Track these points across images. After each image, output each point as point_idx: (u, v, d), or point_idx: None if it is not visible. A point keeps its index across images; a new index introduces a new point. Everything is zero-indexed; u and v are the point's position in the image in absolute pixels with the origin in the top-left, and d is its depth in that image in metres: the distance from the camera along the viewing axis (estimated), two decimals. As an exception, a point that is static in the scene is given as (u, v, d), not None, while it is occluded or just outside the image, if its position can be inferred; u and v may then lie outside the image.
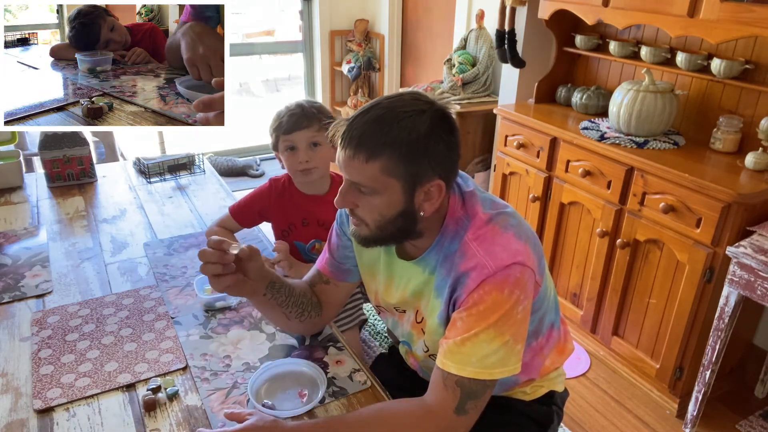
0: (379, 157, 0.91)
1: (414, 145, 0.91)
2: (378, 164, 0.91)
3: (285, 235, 1.64)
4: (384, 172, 0.92)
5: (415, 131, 0.91)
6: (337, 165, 0.97)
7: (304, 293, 1.19)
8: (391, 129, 0.90)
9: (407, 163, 0.91)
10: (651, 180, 2.03)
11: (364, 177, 0.93)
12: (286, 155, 1.53)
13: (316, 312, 1.20)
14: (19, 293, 1.41)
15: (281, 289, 1.12)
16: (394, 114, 0.91)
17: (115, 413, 1.06)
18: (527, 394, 1.20)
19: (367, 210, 0.96)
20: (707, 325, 1.94)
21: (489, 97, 3.24)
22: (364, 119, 0.92)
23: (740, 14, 1.79)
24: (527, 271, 0.95)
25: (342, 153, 0.94)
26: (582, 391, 2.24)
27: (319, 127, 1.48)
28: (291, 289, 1.14)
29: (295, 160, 1.51)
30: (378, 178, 0.92)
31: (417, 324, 1.09)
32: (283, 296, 1.12)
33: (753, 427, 2.07)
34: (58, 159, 2.03)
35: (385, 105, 0.93)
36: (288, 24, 7.09)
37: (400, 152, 0.91)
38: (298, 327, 1.20)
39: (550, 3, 2.47)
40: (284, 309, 1.14)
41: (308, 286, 1.23)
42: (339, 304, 1.26)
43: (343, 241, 1.19)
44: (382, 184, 0.93)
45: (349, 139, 0.92)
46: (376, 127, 0.91)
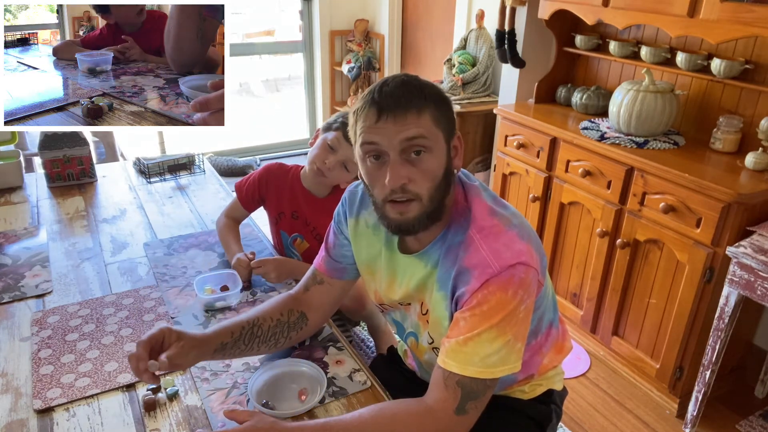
0: (428, 107, 0.94)
1: (442, 97, 0.97)
2: (428, 115, 0.94)
3: (275, 222, 1.67)
4: (434, 123, 0.94)
5: (434, 85, 0.98)
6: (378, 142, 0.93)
7: (278, 321, 1.16)
8: (421, 86, 0.95)
9: (445, 112, 0.97)
10: (651, 180, 2.03)
11: (423, 129, 0.93)
12: (321, 144, 1.52)
13: (300, 326, 1.19)
14: (19, 293, 1.41)
15: (238, 343, 1.09)
16: (411, 77, 0.96)
17: (115, 413, 1.06)
18: (526, 392, 1.20)
19: (420, 178, 0.95)
20: (707, 325, 1.94)
21: (489, 97, 3.24)
22: (392, 86, 0.94)
23: (740, 14, 1.79)
24: (531, 271, 0.95)
25: (388, 121, 0.92)
26: (582, 391, 2.24)
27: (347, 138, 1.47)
28: (253, 333, 1.11)
29: (323, 157, 1.51)
30: (432, 130, 0.94)
31: (423, 315, 1.09)
32: (243, 345, 1.10)
33: (753, 427, 2.06)
34: (58, 159, 2.03)
35: (393, 77, 0.96)
36: (288, 24, 7.09)
37: (437, 103, 0.95)
38: (287, 345, 1.19)
39: (550, 3, 2.47)
40: (254, 351, 1.13)
41: (292, 299, 1.20)
42: (332, 305, 1.24)
43: (340, 239, 1.19)
44: (434, 137, 0.95)
45: (393, 103, 0.92)
46: (409, 87, 0.94)
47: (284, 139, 4.91)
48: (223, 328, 1.08)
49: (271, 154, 4.71)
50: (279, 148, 4.79)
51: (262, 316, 1.14)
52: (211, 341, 1.05)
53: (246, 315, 1.14)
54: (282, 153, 4.74)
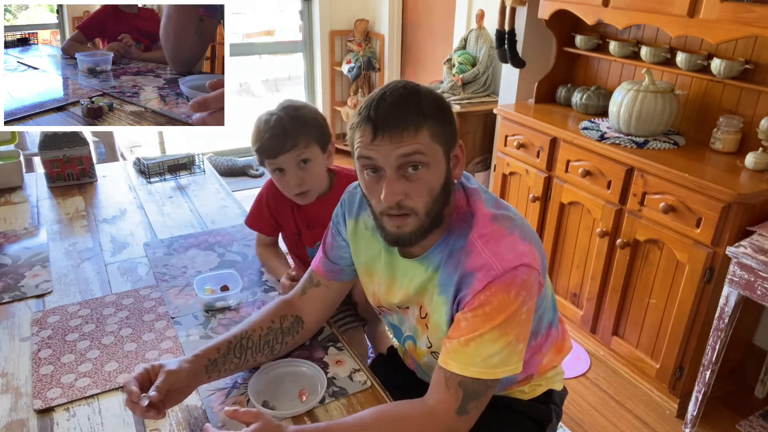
0: (426, 123, 0.92)
1: (443, 108, 0.95)
2: (426, 132, 0.92)
3: (296, 241, 1.56)
4: (432, 139, 0.93)
5: (435, 96, 0.95)
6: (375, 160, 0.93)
7: (269, 329, 1.15)
8: (419, 101, 0.92)
9: (444, 126, 0.95)
10: (651, 180, 2.03)
11: (422, 146, 0.92)
12: (275, 177, 1.40)
13: (296, 330, 1.18)
14: (19, 293, 1.41)
15: (228, 357, 1.08)
16: (409, 88, 0.94)
17: (115, 413, 1.06)
18: (526, 393, 1.20)
19: (417, 193, 0.94)
20: (707, 325, 1.94)
21: (489, 97, 3.24)
22: (388, 103, 0.92)
23: (740, 14, 1.79)
24: (533, 272, 0.95)
25: (384, 139, 0.91)
26: (582, 391, 2.24)
27: (307, 142, 1.34)
28: (243, 345, 1.10)
29: (287, 184, 1.38)
30: (430, 146, 0.93)
31: (422, 319, 1.09)
32: (235, 359, 1.09)
33: (753, 427, 2.06)
34: (58, 159, 2.03)
35: (392, 88, 0.94)
36: (288, 24, 7.09)
37: (437, 118, 0.93)
38: (285, 350, 1.18)
39: (550, 3, 2.47)
40: (250, 363, 1.12)
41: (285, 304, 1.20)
42: (329, 307, 1.24)
43: (338, 241, 1.19)
44: (433, 152, 0.93)
45: (391, 121, 0.91)
46: (404, 104, 0.92)
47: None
48: (210, 345, 1.08)
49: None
50: (279, 148, 4.79)
51: (251, 327, 1.13)
52: (199, 359, 1.04)
53: (235, 329, 1.13)
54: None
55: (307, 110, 1.38)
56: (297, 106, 1.37)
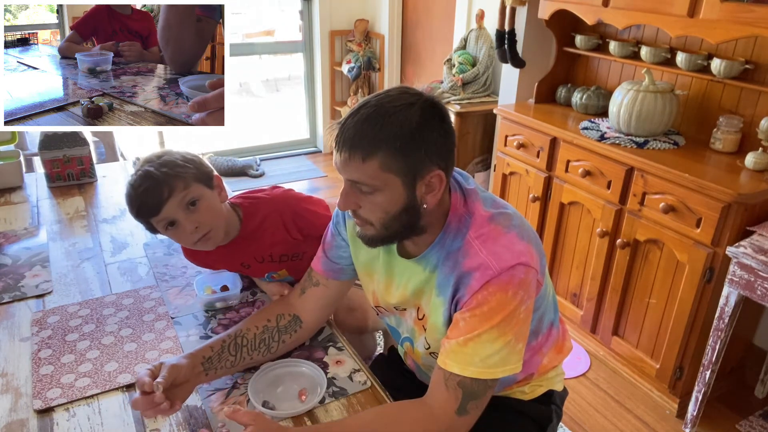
0: (376, 154, 0.90)
1: (408, 138, 0.90)
2: (376, 162, 0.90)
3: (243, 278, 1.47)
4: (383, 169, 0.91)
5: (407, 124, 0.90)
6: (335, 167, 0.96)
7: (265, 327, 1.15)
8: (384, 125, 0.89)
9: (404, 156, 0.91)
10: (651, 180, 2.03)
11: (364, 176, 0.92)
12: (170, 234, 1.23)
13: (293, 329, 1.18)
14: (19, 293, 1.41)
15: (224, 355, 1.08)
16: (384, 110, 0.91)
17: (115, 413, 1.06)
18: (526, 393, 1.20)
19: (370, 209, 0.95)
20: (707, 325, 1.94)
21: (489, 97, 3.24)
22: (355, 120, 0.91)
23: (740, 14, 1.79)
24: (531, 271, 0.95)
25: (338, 156, 0.93)
26: (582, 391, 2.24)
27: (185, 183, 1.19)
28: (238, 343, 1.11)
29: (184, 234, 1.21)
30: (378, 175, 0.91)
31: (419, 321, 1.09)
32: (230, 356, 1.09)
33: (753, 427, 2.07)
34: (58, 159, 2.03)
35: (373, 103, 0.92)
36: (288, 24, 7.09)
37: (396, 147, 0.90)
38: (283, 349, 1.18)
39: (550, 3, 2.47)
40: (246, 361, 1.12)
41: (283, 303, 1.21)
42: (329, 306, 1.24)
43: (338, 241, 1.18)
44: (383, 181, 0.92)
45: (344, 141, 0.91)
46: (367, 126, 0.90)
47: (284, 139, 4.92)
48: (204, 345, 1.09)
49: (271, 153, 4.71)
50: (279, 149, 4.80)
51: (246, 326, 1.14)
52: (194, 357, 1.05)
53: (230, 329, 1.14)
54: (282, 153, 4.75)
55: (170, 154, 1.24)
56: (158, 155, 1.24)
